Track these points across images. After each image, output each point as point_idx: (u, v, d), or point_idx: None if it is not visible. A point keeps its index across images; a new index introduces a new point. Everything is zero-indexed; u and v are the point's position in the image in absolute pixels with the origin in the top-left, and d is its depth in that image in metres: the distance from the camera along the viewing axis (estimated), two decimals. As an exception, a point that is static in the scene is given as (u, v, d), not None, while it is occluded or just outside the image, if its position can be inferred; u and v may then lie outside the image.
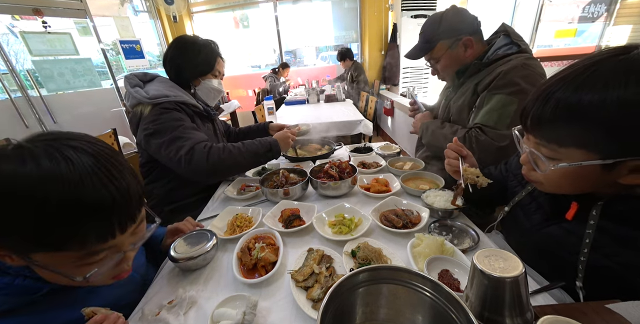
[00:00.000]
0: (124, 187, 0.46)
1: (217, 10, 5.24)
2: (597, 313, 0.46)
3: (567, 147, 0.52)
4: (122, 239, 0.50)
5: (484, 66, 1.13)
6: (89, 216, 0.43)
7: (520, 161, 0.65)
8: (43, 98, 3.12)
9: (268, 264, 0.75)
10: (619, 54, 0.48)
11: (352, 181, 1.09)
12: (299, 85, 5.21)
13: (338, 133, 2.67)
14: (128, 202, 0.47)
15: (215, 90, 1.36)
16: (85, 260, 0.47)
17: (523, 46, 1.08)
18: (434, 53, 1.19)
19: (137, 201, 0.49)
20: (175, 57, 1.24)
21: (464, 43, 1.14)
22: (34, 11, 3.03)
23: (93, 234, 0.45)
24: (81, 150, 0.45)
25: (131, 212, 0.49)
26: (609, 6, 4.48)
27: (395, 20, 4.31)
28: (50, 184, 0.40)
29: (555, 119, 0.51)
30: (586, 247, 0.57)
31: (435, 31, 1.15)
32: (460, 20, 1.14)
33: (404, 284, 0.48)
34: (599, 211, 0.56)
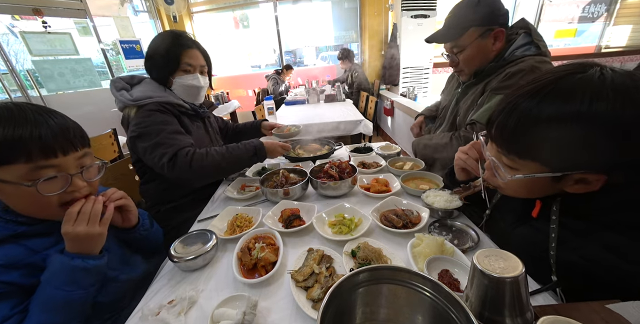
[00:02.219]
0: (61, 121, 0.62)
1: (217, 10, 5.24)
2: (597, 313, 0.46)
3: (524, 159, 0.56)
4: (67, 161, 0.62)
5: (499, 67, 1.07)
6: (29, 136, 0.56)
7: (485, 166, 0.69)
8: (43, 98, 3.12)
9: (268, 264, 0.75)
10: (577, 72, 0.50)
11: (352, 181, 1.09)
12: (299, 85, 5.21)
13: (338, 133, 2.67)
14: (65, 129, 0.62)
15: (191, 87, 1.20)
16: (34, 174, 0.58)
17: (543, 49, 1.02)
18: (461, 40, 1.07)
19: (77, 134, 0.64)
20: (146, 58, 1.18)
21: (495, 35, 1.04)
22: (34, 11, 3.03)
23: (36, 150, 0.57)
24: None
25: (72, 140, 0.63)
26: (609, 6, 4.49)
27: (395, 20, 4.31)
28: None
29: (516, 130, 0.54)
30: (553, 242, 0.60)
31: (469, 15, 1.04)
32: (498, 7, 1.04)
33: (404, 284, 0.48)
34: (558, 206, 0.60)
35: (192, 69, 1.19)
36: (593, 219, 0.57)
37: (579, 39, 4.79)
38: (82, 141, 0.66)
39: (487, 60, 1.11)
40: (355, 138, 2.88)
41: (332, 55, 6.10)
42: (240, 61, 5.81)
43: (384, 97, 4.30)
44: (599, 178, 0.51)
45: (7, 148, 0.55)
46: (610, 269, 0.54)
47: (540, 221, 0.65)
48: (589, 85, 0.47)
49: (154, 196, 1.27)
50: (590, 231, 0.57)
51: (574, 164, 0.51)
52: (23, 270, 0.59)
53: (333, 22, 5.25)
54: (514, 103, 0.54)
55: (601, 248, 0.55)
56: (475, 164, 0.80)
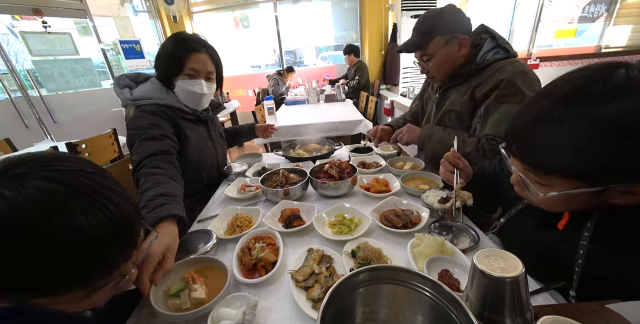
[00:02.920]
0: (123, 217, 0.43)
1: (217, 10, 5.24)
2: (597, 313, 0.46)
3: (555, 176, 0.51)
4: (127, 265, 0.48)
5: (475, 72, 1.12)
6: (91, 257, 0.40)
7: (511, 181, 0.64)
8: (43, 98, 3.12)
9: (268, 264, 0.75)
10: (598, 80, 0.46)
11: (352, 181, 1.09)
12: (299, 85, 5.20)
13: (338, 133, 2.67)
14: (128, 232, 0.45)
15: (191, 93, 1.14)
16: (91, 294, 0.45)
17: (511, 51, 1.09)
18: (429, 48, 1.15)
19: (136, 226, 0.47)
20: (156, 58, 1.16)
21: (459, 42, 1.12)
22: (34, 11, 3.03)
23: (97, 272, 0.42)
24: None
25: (133, 240, 0.47)
26: (609, 6, 4.49)
27: (395, 20, 4.31)
28: None
29: (544, 146, 0.50)
30: (580, 258, 0.57)
31: (433, 25, 1.11)
32: (459, 17, 1.12)
33: (404, 284, 0.48)
34: (594, 223, 0.57)
35: (196, 74, 1.13)
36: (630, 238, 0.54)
37: (579, 39, 4.78)
38: (139, 228, 0.49)
39: (456, 65, 1.17)
40: (355, 138, 2.87)
41: (332, 55, 6.10)
42: (240, 61, 5.81)
43: (383, 97, 4.30)
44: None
45: (71, 277, 0.40)
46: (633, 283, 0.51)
47: (567, 232, 0.61)
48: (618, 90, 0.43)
49: None
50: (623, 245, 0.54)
51: (615, 177, 0.47)
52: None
53: (333, 22, 5.26)
54: (536, 117, 0.50)
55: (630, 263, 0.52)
56: (450, 177, 0.87)
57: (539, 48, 4.74)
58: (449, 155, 0.88)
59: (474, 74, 1.13)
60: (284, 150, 1.60)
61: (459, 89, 1.18)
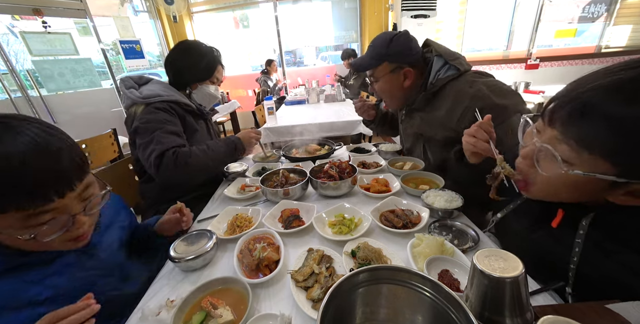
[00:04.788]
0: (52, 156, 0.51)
1: (217, 10, 5.24)
2: (597, 313, 0.46)
3: (594, 155, 0.46)
4: (66, 202, 0.53)
5: (431, 94, 1.11)
6: (14, 186, 0.47)
7: (522, 154, 0.59)
8: (43, 98, 3.12)
9: (271, 263, 0.75)
10: None
11: (352, 181, 1.09)
12: (299, 85, 5.21)
13: (338, 133, 2.67)
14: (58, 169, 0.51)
15: (211, 96, 1.39)
16: (30, 221, 0.50)
17: (461, 67, 1.06)
18: (376, 72, 1.18)
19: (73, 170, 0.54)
20: (177, 61, 1.29)
21: (404, 73, 1.13)
22: (34, 11, 3.03)
23: (24, 198, 0.48)
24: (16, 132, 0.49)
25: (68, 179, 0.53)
26: (609, 6, 4.48)
27: (395, 20, 4.31)
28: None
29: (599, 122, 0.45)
30: (576, 255, 0.57)
31: (382, 51, 1.13)
32: (408, 47, 1.12)
33: (404, 284, 0.48)
34: (588, 222, 0.56)
35: (218, 82, 1.40)
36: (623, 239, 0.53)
37: (579, 39, 4.78)
38: (80, 174, 0.56)
39: (400, 94, 1.20)
40: (355, 138, 2.87)
41: (332, 55, 6.10)
42: (240, 61, 5.81)
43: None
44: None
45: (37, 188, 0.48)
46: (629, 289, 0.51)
47: (561, 230, 0.61)
48: None
49: (154, 195, 1.26)
50: (617, 250, 0.54)
51: None
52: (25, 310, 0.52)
53: (333, 22, 5.25)
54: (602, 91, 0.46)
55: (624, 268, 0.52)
56: (487, 146, 0.74)
57: (539, 48, 4.73)
58: (484, 122, 0.76)
59: (431, 98, 1.13)
60: (284, 150, 1.60)
61: (424, 113, 1.17)
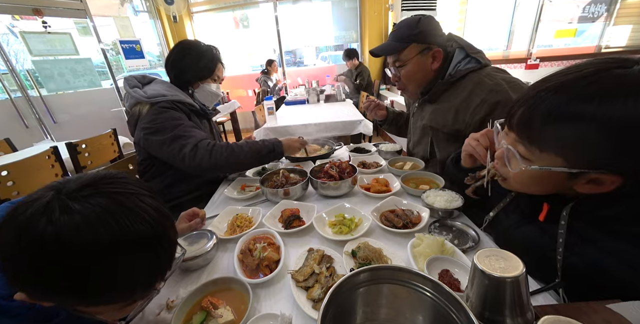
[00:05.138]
0: (165, 237, 0.44)
1: (217, 10, 5.24)
2: (598, 313, 0.46)
3: (544, 151, 0.53)
4: None
5: (448, 85, 1.09)
6: (138, 275, 0.42)
7: (495, 156, 0.66)
8: (43, 98, 3.12)
9: (272, 262, 0.75)
10: (619, 67, 0.47)
11: (352, 181, 1.09)
12: (299, 85, 5.21)
13: (338, 133, 2.67)
14: (168, 253, 0.46)
15: (213, 94, 1.40)
16: (129, 306, 0.46)
17: (482, 60, 1.06)
18: (403, 54, 1.12)
19: (173, 247, 0.48)
20: (177, 61, 1.29)
21: (433, 54, 1.09)
22: (34, 11, 3.04)
23: (140, 289, 0.44)
24: None
25: (171, 261, 0.47)
26: (609, 6, 4.48)
27: (395, 20, 4.31)
28: None
29: (542, 123, 0.52)
30: (560, 246, 0.59)
31: (411, 32, 1.08)
32: (436, 29, 1.10)
33: (404, 284, 0.48)
34: (568, 212, 0.59)
35: (220, 80, 1.40)
36: (602, 226, 0.56)
37: (579, 39, 4.78)
38: (175, 250, 0.50)
39: (427, 79, 1.15)
40: (355, 138, 2.87)
41: (332, 55, 6.10)
42: (240, 61, 5.81)
43: (383, 97, 4.30)
44: (614, 180, 0.49)
45: (119, 291, 0.42)
46: (614, 275, 0.53)
47: (547, 223, 0.64)
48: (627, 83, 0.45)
49: None
50: (599, 238, 0.56)
51: (593, 163, 0.49)
52: None
53: (333, 22, 5.25)
54: (543, 95, 0.51)
55: (607, 255, 0.54)
56: (484, 152, 0.79)
57: (539, 48, 4.73)
58: (491, 131, 0.79)
59: (448, 88, 1.10)
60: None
61: (437, 104, 1.15)
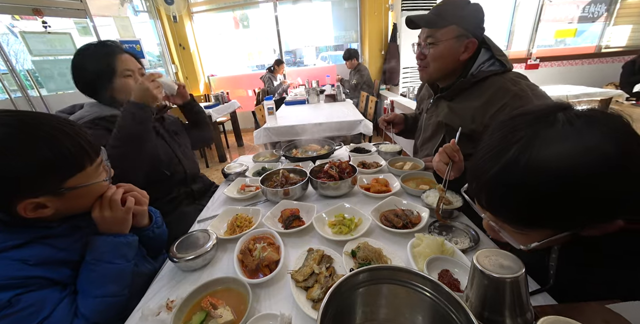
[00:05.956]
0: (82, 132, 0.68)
1: (217, 10, 5.24)
2: (597, 313, 0.46)
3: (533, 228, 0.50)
4: (100, 159, 0.72)
5: (469, 84, 1.06)
6: (85, 143, 0.66)
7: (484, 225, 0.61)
8: (43, 98, 3.12)
9: (272, 263, 0.75)
10: (541, 126, 0.44)
11: (352, 181, 1.09)
12: (299, 85, 5.21)
13: (338, 133, 2.67)
14: (87, 137, 0.68)
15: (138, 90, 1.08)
16: (98, 171, 0.70)
17: (507, 64, 1.03)
18: (440, 33, 1.04)
19: (92, 148, 0.68)
20: (73, 75, 1.13)
21: (467, 43, 1.04)
22: (34, 11, 3.03)
23: (92, 153, 0.68)
24: None
25: (93, 144, 0.69)
26: (609, 6, 4.48)
27: (395, 20, 4.32)
28: None
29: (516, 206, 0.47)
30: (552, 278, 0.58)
31: (456, 12, 1.02)
32: (480, 19, 1.04)
33: (404, 284, 0.48)
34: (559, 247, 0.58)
35: (136, 73, 1.16)
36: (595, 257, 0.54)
37: (579, 39, 4.78)
38: (95, 152, 0.72)
39: (450, 67, 1.09)
40: (355, 138, 2.87)
41: (332, 55, 6.10)
42: (240, 61, 5.81)
43: (383, 97, 4.30)
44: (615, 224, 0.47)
45: (79, 157, 0.65)
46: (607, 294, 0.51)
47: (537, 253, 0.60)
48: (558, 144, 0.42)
49: None
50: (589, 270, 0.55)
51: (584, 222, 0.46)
52: (52, 265, 0.65)
53: (333, 22, 5.25)
54: (487, 177, 0.48)
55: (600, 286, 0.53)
56: (443, 168, 0.86)
57: (539, 48, 4.73)
58: (448, 146, 0.86)
59: (468, 87, 1.07)
60: (284, 150, 1.60)
61: (454, 103, 1.12)
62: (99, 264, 0.69)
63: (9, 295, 0.57)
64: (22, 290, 0.59)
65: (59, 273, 0.66)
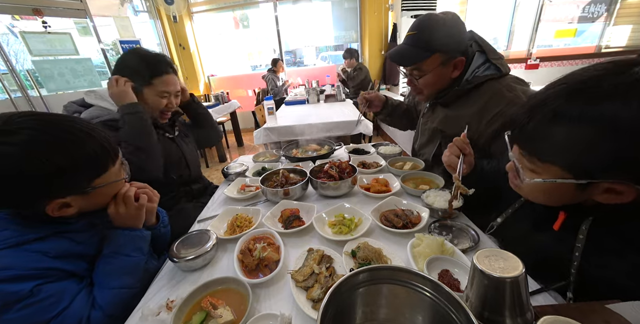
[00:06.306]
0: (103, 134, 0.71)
1: (217, 10, 5.24)
2: (597, 313, 0.46)
3: (545, 162, 0.52)
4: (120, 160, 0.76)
5: (464, 92, 1.04)
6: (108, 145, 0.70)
7: (507, 168, 0.66)
8: (43, 98, 3.12)
9: (272, 263, 0.75)
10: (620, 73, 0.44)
11: (352, 181, 1.09)
12: (299, 85, 5.21)
13: (338, 133, 2.66)
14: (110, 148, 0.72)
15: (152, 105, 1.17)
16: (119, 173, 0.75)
17: (502, 68, 1.00)
18: (424, 65, 1.03)
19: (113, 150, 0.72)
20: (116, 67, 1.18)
21: (455, 63, 1.02)
22: (34, 11, 3.03)
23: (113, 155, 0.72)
24: None
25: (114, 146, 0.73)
26: (609, 6, 4.49)
27: (395, 20, 4.31)
28: None
29: (538, 131, 0.52)
30: (576, 260, 0.58)
31: (433, 39, 0.99)
32: (460, 33, 1.00)
33: (404, 284, 0.48)
34: (588, 226, 0.57)
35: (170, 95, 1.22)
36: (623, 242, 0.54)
37: (579, 39, 4.78)
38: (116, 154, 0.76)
39: (444, 85, 1.10)
40: (355, 138, 2.87)
41: (332, 55, 6.10)
42: (240, 61, 5.81)
43: (384, 97, 4.29)
44: (629, 189, 0.46)
45: (104, 158, 0.69)
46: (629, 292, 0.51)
47: (562, 233, 0.62)
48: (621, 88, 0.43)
49: None
50: (618, 254, 0.54)
51: (600, 172, 0.46)
52: (70, 258, 0.68)
53: (333, 22, 5.25)
54: (538, 104, 0.51)
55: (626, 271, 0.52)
56: (455, 161, 0.84)
57: (539, 48, 4.73)
58: (458, 139, 0.86)
59: (464, 93, 1.06)
60: (284, 150, 1.60)
61: (450, 109, 1.11)
62: (117, 256, 0.72)
63: (31, 285, 0.59)
64: (42, 281, 0.61)
65: (77, 266, 0.69)
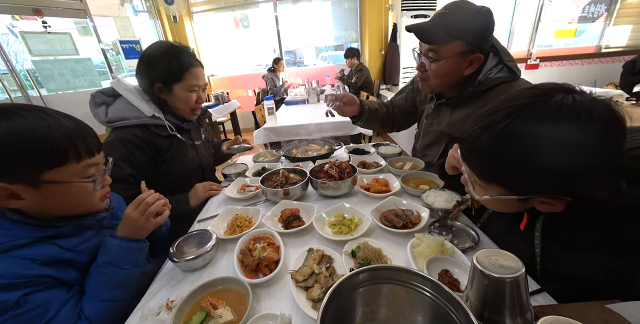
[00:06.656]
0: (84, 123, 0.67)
1: (217, 10, 5.24)
2: (597, 313, 0.46)
3: (489, 183, 0.58)
4: (99, 160, 0.68)
5: (479, 93, 0.98)
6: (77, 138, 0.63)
7: (461, 181, 0.69)
8: (43, 98, 3.11)
9: (271, 263, 0.75)
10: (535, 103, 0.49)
11: (352, 181, 1.09)
12: (299, 85, 5.21)
13: (338, 133, 2.66)
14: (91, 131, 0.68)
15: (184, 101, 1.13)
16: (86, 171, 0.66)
17: (515, 70, 0.96)
18: (443, 49, 0.95)
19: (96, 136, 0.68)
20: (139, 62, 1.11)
21: (472, 59, 0.96)
22: (34, 11, 3.03)
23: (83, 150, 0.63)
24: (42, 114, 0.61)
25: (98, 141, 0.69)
26: (609, 6, 4.49)
27: (395, 20, 4.32)
28: None
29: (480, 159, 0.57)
30: (538, 256, 0.64)
31: (464, 25, 0.91)
32: (489, 29, 0.94)
33: (404, 284, 0.48)
34: (541, 223, 0.63)
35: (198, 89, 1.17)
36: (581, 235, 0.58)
37: (579, 39, 4.78)
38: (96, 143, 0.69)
39: (453, 81, 1.04)
40: (355, 138, 2.87)
41: (332, 55, 6.10)
42: (240, 61, 5.81)
43: (383, 97, 4.30)
44: (559, 201, 0.53)
45: (63, 148, 0.61)
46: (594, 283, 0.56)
47: (526, 232, 0.67)
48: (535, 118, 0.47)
49: None
50: (572, 247, 0.60)
51: (531, 190, 0.53)
52: (59, 265, 0.65)
53: (333, 22, 5.26)
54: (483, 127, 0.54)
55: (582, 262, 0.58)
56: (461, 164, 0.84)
57: (539, 48, 4.74)
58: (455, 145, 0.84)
59: (473, 96, 1.00)
60: (284, 150, 1.60)
61: (458, 111, 1.06)
62: (110, 268, 0.68)
63: (18, 295, 0.56)
64: (31, 290, 0.58)
65: (66, 273, 0.66)
